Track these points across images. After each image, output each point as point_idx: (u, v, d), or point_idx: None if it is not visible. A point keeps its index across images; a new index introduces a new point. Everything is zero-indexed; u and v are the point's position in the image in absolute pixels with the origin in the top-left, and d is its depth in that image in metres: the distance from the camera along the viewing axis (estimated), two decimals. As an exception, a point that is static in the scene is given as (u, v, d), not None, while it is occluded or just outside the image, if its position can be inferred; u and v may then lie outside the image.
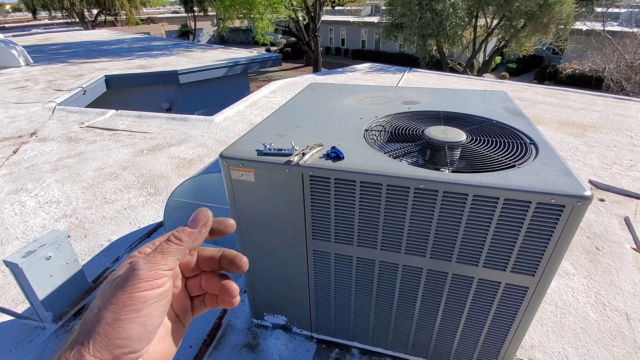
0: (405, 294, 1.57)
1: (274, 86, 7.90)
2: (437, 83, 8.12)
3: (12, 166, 4.23)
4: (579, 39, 15.50)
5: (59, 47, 13.49)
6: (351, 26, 27.76)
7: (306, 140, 1.54)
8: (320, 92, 2.34)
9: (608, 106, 6.61)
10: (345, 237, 1.49)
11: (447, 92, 2.29)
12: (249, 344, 1.98)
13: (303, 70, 22.16)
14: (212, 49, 13.08)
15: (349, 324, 1.81)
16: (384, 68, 10.03)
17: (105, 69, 9.10)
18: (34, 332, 2.04)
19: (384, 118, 1.83)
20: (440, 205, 1.28)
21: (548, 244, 1.24)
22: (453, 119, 1.80)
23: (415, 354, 1.78)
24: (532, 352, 1.97)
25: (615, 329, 2.13)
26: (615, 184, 3.76)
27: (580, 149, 4.71)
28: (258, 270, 1.78)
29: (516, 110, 1.91)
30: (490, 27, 13.18)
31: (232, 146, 1.53)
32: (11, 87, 7.69)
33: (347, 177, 1.33)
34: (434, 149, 1.47)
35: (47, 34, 18.96)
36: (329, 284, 1.68)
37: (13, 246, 2.86)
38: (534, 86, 8.21)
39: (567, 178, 1.22)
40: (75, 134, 5.26)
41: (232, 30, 31.64)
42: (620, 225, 3.11)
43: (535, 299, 1.38)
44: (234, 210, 1.59)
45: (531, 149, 1.47)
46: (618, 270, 2.60)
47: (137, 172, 4.09)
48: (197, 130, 5.37)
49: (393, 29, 13.51)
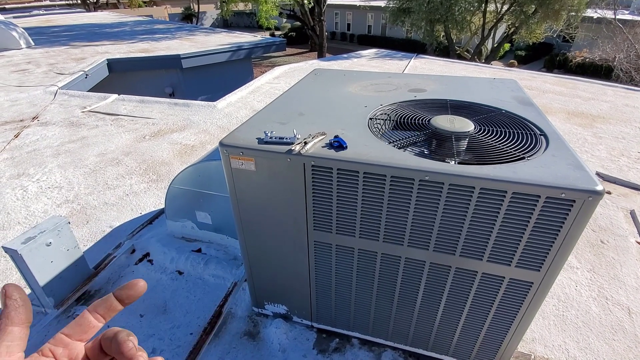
0: (407, 287, 1.55)
1: (277, 72, 7.78)
2: (445, 70, 7.96)
3: (14, 150, 4.22)
4: (589, 26, 15.11)
5: (60, 30, 13.31)
6: (357, 10, 27.15)
7: (308, 129, 1.50)
8: (324, 78, 2.28)
9: (617, 97, 6.46)
10: (347, 228, 1.46)
11: (455, 79, 2.22)
12: (250, 332, 1.99)
13: (307, 56, 21.82)
14: (216, 33, 12.85)
15: (349, 315, 1.80)
16: (390, 54, 9.84)
17: (107, 53, 8.98)
18: (36, 318, 2.06)
19: (389, 106, 1.78)
20: (446, 198, 1.25)
21: (556, 239, 1.21)
22: (461, 108, 1.75)
23: (416, 345, 1.77)
24: (533, 345, 1.97)
25: (617, 323, 2.12)
26: (622, 176, 3.69)
27: (589, 140, 4.62)
28: (259, 260, 1.77)
29: (526, 100, 1.84)
30: (500, 13, 12.83)
31: (232, 134, 1.49)
32: (12, 69, 7.62)
33: (350, 167, 1.30)
34: (441, 139, 1.43)
35: (48, 15, 18.70)
36: (330, 275, 1.66)
37: (15, 231, 2.86)
38: (543, 74, 8.04)
39: (578, 172, 1.18)
40: (77, 118, 5.23)
41: (236, 13, 31.07)
42: (626, 219, 3.06)
43: (540, 295, 1.36)
44: (234, 199, 1.56)
45: (541, 140, 1.42)
46: (622, 264, 2.57)
47: (139, 158, 4.06)
48: (199, 116, 5.32)
49: (400, 13, 13.20)
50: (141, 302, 2.18)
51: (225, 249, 2.52)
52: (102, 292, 2.25)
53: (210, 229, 2.54)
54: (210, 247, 2.54)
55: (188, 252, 2.48)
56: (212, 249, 2.52)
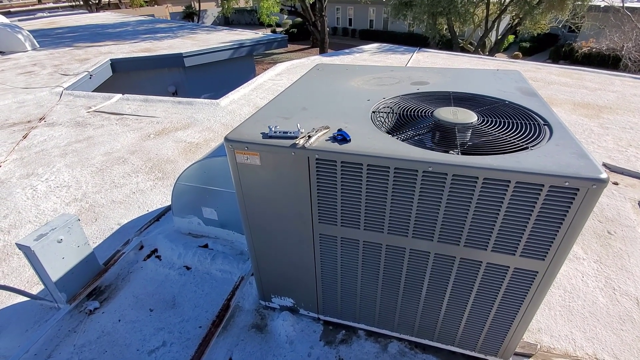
0: (412, 278, 1.57)
1: (279, 68, 7.78)
2: (448, 63, 7.90)
3: (23, 151, 4.29)
4: (596, 15, 14.85)
5: (64, 31, 13.40)
6: (359, 5, 26.96)
7: (312, 123, 1.51)
8: (327, 73, 2.28)
9: (625, 86, 6.37)
10: (351, 220, 1.48)
11: (458, 72, 2.21)
12: (257, 325, 2.02)
13: (309, 52, 21.76)
14: (217, 31, 12.86)
15: (355, 306, 1.82)
16: (392, 48, 9.77)
17: (110, 53, 9.04)
18: (49, 313, 2.11)
19: (391, 99, 1.78)
20: (449, 189, 1.26)
21: (560, 228, 1.21)
22: (464, 100, 1.74)
23: (422, 336, 1.79)
24: (540, 336, 1.97)
25: (625, 314, 2.11)
26: (630, 167, 3.66)
27: (595, 130, 4.57)
28: (265, 253, 1.79)
29: (529, 91, 1.84)
30: (503, 4, 12.66)
31: (237, 129, 1.50)
32: (19, 72, 7.71)
33: (354, 160, 1.31)
34: (444, 131, 1.43)
35: (52, 17, 18.83)
36: (336, 267, 1.68)
37: (26, 229, 2.92)
38: (548, 66, 7.94)
39: (581, 160, 1.18)
40: (83, 118, 5.28)
41: (237, 11, 31.01)
42: (634, 209, 3.04)
43: (545, 284, 1.36)
44: (240, 193, 1.58)
45: (545, 130, 1.41)
46: (630, 254, 2.56)
47: (145, 156, 4.11)
48: (203, 114, 5.35)
49: (402, 7, 13.09)
50: (151, 296, 2.22)
51: (231, 244, 2.55)
52: (112, 287, 2.29)
53: (216, 225, 2.56)
54: (216, 242, 2.57)
55: (195, 247, 2.51)
56: (218, 244, 2.55)
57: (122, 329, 2.02)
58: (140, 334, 1.99)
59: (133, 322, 2.06)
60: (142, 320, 2.07)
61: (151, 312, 2.12)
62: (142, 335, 1.98)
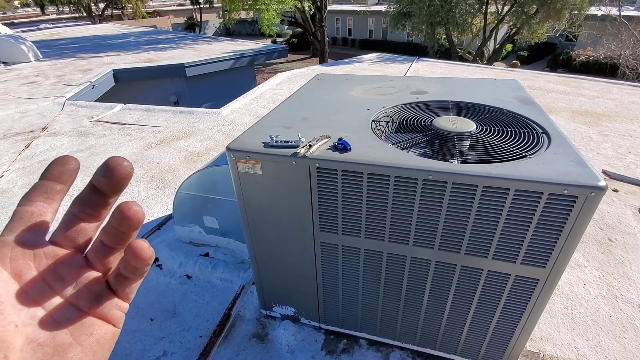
0: (413, 286, 1.57)
1: (280, 78, 7.86)
2: (446, 72, 7.98)
3: (25, 160, 4.31)
4: (593, 24, 15.03)
5: (67, 42, 13.58)
6: (358, 15, 27.34)
7: (313, 132, 1.53)
8: (327, 83, 2.31)
9: (623, 94, 6.42)
10: (352, 229, 1.49)
11: (456, 81, 2.24)
12: (258, 334, 2.01)
13: (309, 62, 21.98)
14: (218, 42, 13.03)
15: (356, 315, 1.81)
16: (391, 58, 9.88)
17: (113, 63, 9.15)
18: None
19: (391, 109, 1.80)
20: (449, 197, 1.27)
21: (560, 235, 1.22)
22: (462, 109, 1.77)
23: (423, 345, 1.78)
24: (542, 344, 1.96)
25: (628, 321, 2.10)
26: (629, 174, 3.67)
27: (594, 138, 4.60)
28: (266, 262, 1.79)
29: (528, 99, 1.86)
30: (501, 14, 12.85)
31: (238, 139, 1.52)
32: (22, 82, 7.79)
33: (354, 168, 1.32)
34: (443, 140, 1.45)
35: (55, 28, 19.09)
36: (337, 275, 1.68)
37: (28, 239, 2.92)
38: (546, 74, 8.02)
39: (580, 168, 1.19)
40: (85, 128, 5.32)
41: (238, 22, 31.44)
42: (635, 216, 3.04)
43: (546, 291, 1.37)
44: (242, 202, 1.59)
45: (543, 138, 1.43)
46: (631, 262, 2.55)
47: (146, 165, 4.13)
48: (204, 124, 5.39)
49: (401, 17, 13.27)
50: (151, 306, 2.21)
51: (232, 253, 2.55)
52: (113, 297, 2.29)
53: (217, 234, 2.57)
54: (217, 251, 2.57)
55: (196, 256, 2.51)
56: (219, 253, 2.55)
57: (122, 339, 2.01)
58: (141, 343, 1.98)
59: (133, 331, 2.05)
60: (143, 329, 2.06)
61: (152, 321, 2.11)
62: (142, 345, 1.97)
